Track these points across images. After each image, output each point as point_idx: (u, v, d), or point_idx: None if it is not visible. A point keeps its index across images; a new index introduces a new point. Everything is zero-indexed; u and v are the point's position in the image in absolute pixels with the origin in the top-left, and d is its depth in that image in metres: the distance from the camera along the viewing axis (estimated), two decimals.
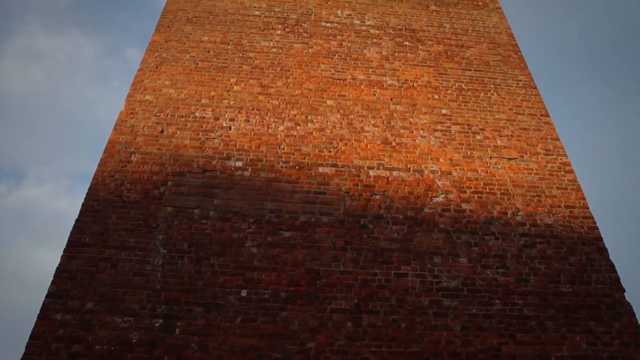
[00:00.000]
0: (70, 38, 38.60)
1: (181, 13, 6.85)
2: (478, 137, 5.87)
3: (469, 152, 5.69)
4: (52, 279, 4.24)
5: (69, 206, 31.68)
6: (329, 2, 7.32)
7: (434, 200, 5.21)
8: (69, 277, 4.27)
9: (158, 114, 5.62)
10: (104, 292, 4.23)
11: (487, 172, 5.52)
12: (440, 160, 5.57)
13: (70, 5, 40.22)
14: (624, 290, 4.70)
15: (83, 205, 4.74)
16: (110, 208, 4.76)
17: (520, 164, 5.64)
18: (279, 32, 6.78)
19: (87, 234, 4.55)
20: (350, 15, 7.18)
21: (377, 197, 5.17)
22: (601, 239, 5.07)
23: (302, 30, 6.85)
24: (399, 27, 7.11)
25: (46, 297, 4.15)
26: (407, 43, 6.88)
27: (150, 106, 5.69)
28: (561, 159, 5.74)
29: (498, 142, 5.84)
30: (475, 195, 5.30)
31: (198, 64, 6.22)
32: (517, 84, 6.56)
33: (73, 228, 4.57)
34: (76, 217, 4.65)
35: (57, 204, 32.40)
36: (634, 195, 30.45)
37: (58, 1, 39.74)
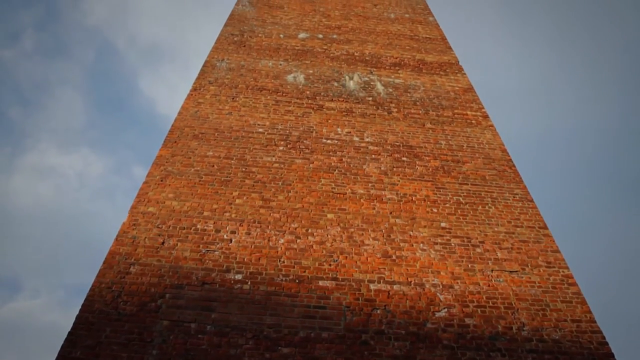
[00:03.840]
0: (80, 156, 40.01)
1: (188, 129, 7.15)
2: (478, 250, 5.86)
3: (469, 265, 5.65)
4: None
5: (62, 320, 30.79)
6: (329, 121, 7.66)
7: (436, 315, 5.08)
8: None
9: (160, 226, 5.67)
10: None
11: (489, 285, 5.44)
12: (441, 273, 5.52)
13: (83, 126, 42.10)
14: None
15: (77, 317, 4.63)
16: (104, 321, 4.64)
17: (522, 277, 5.58)
18: (281, 148, 7.03)
19: (79, 348, 4.39)
20: (350, 132, 7.49)
21: (378, 311, 5.05)
22: (612, 355, 4.86)
23: (303, 147, 7.10)
24: (397, 143, 7.38)
25: None
26: (404, 159, 7.11)
27: (152, 218, 5.76)
28: (563, 272, 5.68)
29: (498, 254, 5.82)
30: (479, 310, 5.18)
31: (202, 178, 6.38)
32: (514, 197, 6.67)
33: (65, 341, 4.42)
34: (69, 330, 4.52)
35: (50, 317, 31.51)
36: None
37: (71, 122, 41.67)
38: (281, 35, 9.73)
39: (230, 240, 5.61)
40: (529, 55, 46.62)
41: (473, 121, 8.01)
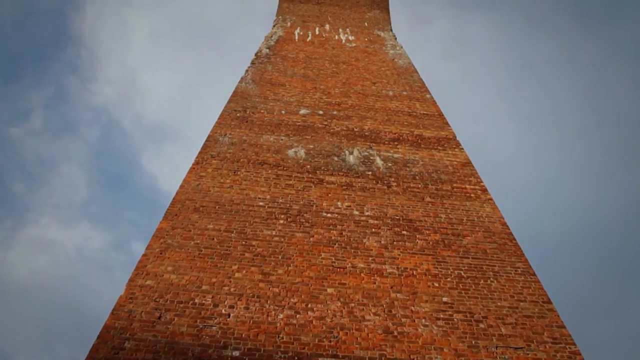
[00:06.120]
0: (80, 230, 39.96)
1: (189, 203, 7.20)
2: (481, 325, 5.73)
3: (473, 342, 5.50)
4: None
5: None
6: (329, 195, 7.72)
7: None
8: None
9: (157, 300, 5.58)
10: None
11: None
12: (444, 350, 5.36)
13: (85, 200, 42.39)
14: None
15: None
16: None
17: (528, 354, 5.41)
18: (281, 221, 7.04)
19: None
20: (350, 206, 7.53)
21: None
22: None
23: (303, 220, 7.11)
24: (397, 217, 7.40)
25: None
26: (405, 232, 7.10)
27: (150, 291, 5.68)
28: (570, 348, 5.52)
29: (502, 330, 5.69)
30: None
31: (202, 251, 6.35)
32: (516, 270, 6.60)
33: None
34: None
35: None
36: None
37: (74, 196, 42.03)
38: (283, 111, 10.01)
39: (229, 315, 5.50)
40: (523, 131, 47.72)
41: (472, 195, 8.08)
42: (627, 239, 36.95)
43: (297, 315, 5.60)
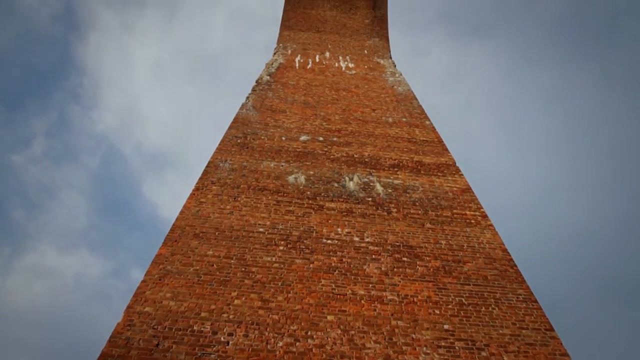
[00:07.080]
0: (78, 258, 39.79)
1: (189, 229, 7.18)
2: (484, 353, 5.66)
3: None
4: None
5: None
6: (329, 221, 7.71)
7: None
8: None
9: (156, 327, 5.53)
10: None
11: None
12: None
13: (85, 227, 42.33)
14: None
15: None
16: None
17: None
18: (281, 247, 7.02)
19: None
20: (350, 232, 7.50)
21: None
22: None
23: (303, 247, 7.08)
24: (397, 243, 7.37)
25: None
26: (405, 259, 7.06)
27: (148, 318, 5.63)
28: None
29: (505, 358, 5.61)
30: None
31: (201, 277, 6.32)
32: (517, 297, 6.55)
33: None
34: None
35: None
36: None
37: (74, 223, 41.98)
38: (283, 138, 10.05)
39: (227, 343, 5.44)
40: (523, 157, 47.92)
41: (472, 221, 8.06)
42: (626, 251, 36.83)
43: (297, 343, 5.54)
